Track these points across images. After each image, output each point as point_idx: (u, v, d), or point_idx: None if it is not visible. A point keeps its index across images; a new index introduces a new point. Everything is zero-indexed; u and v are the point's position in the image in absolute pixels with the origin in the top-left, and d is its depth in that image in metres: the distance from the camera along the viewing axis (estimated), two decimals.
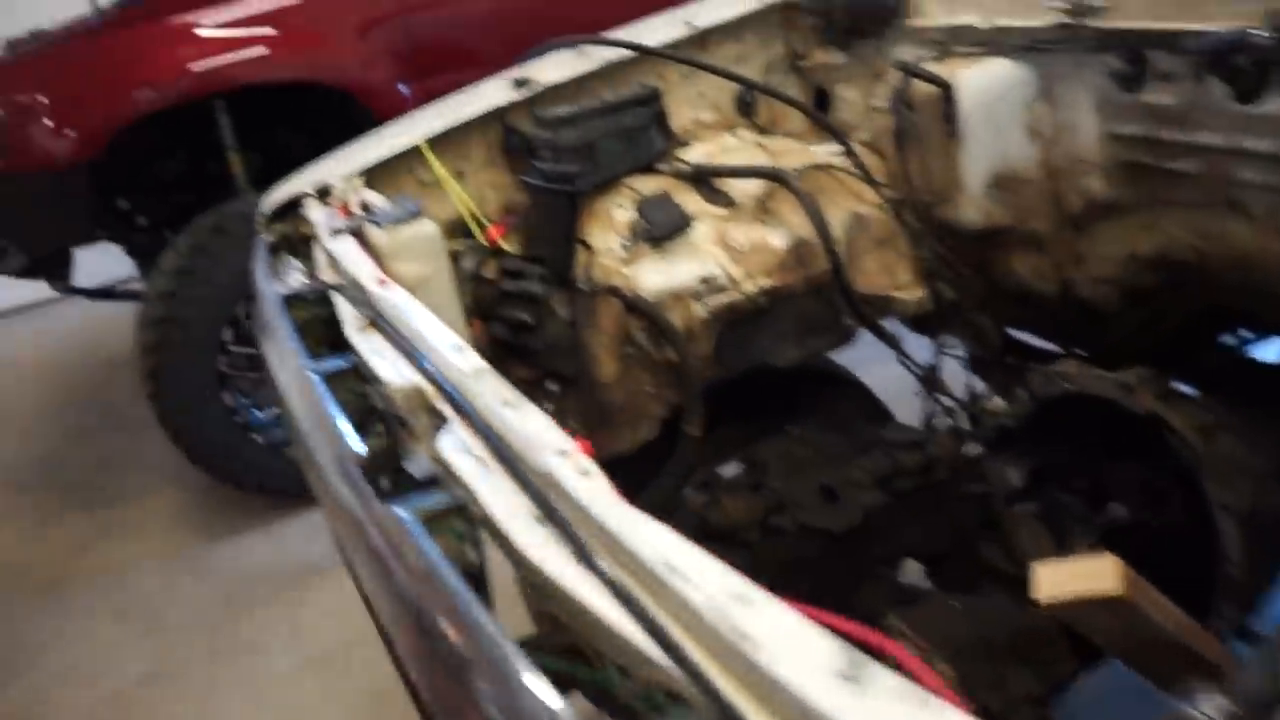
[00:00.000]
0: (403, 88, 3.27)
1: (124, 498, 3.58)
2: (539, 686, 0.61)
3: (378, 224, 1.34)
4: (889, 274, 1.79)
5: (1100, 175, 1.51)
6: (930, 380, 1.80)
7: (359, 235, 1.42)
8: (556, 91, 1.77)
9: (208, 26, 3.17)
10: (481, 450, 0.82)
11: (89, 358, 5.04)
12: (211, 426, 3.01)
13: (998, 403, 1.67)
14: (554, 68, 1.78)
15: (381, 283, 1.15)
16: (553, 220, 1.54)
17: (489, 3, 3.40)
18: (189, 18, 3.16)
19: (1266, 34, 1.13)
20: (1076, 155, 1.52)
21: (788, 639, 0.56)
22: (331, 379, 1.07)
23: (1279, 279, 1.35)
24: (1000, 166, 1.60)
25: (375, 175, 1.66)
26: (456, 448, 0.84)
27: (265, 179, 3.51)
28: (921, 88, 1.62)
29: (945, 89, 1.56)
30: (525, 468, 0.78)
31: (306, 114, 3.40)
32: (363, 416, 0.99)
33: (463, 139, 1.74)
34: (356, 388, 1.08)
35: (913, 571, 1.87)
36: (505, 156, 1.78)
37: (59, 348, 5.30)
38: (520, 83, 1.74)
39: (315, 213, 1.52)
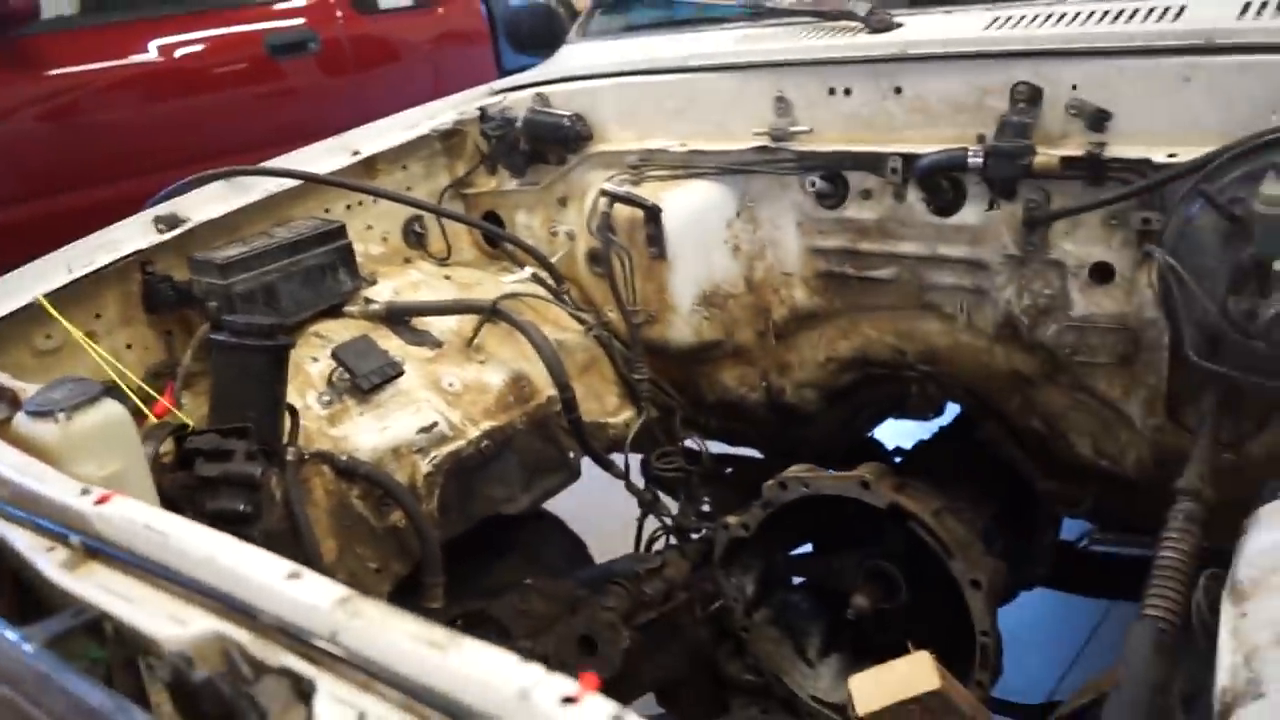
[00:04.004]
0: None
1: None
2: None
3: (47, 413, 0.98)
4: (597, 399, 1.73)
5: (802, 286, 1.58)
6: (653, 503, 1.75)
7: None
8: (210, 230, 1.49)
9: None
10: None
11: None
12: None
13: (731, 518, 1.66)
14: (204, 203, 1.49)
15: (103, 499, 0.83)
16: (251, 382, 1.27)
17: (81, 117, 2.83)
18: None
19: (980, 156, 1.26)
20: (779, 269, 1.59)
21: None
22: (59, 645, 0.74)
23: (964, 367, 1.50)
24: (707, 284, 1.62)
25: None
26: None
27: None
28: (623, 212, 1.60)
29: (653, 212, 1.56)
30: None
31: None
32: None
33: (92, 293, 1.39)
34: (94, 652, 0.77)
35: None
36: (148, 310, 1.46)
37: None
38: (165, 221, 1.44)
39: None
